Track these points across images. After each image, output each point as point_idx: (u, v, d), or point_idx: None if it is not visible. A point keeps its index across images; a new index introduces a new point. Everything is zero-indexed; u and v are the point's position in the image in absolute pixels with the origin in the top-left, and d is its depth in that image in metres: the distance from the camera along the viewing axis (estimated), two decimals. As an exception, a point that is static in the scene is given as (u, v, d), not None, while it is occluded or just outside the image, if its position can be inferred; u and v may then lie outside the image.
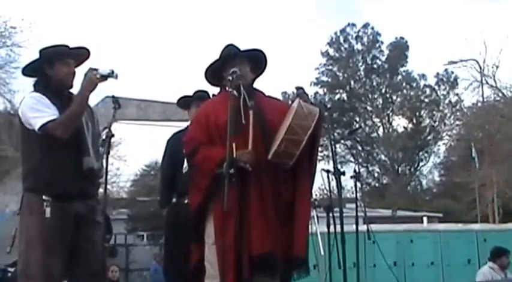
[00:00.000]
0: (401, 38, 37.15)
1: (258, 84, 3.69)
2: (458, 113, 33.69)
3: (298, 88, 3.41)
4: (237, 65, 3.40)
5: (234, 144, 3.06)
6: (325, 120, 3.73)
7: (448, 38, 52.74)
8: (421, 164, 36.62)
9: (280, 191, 3.28)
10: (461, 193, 26.43)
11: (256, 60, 3.58)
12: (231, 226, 3.06)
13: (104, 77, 3.40)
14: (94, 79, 3.37)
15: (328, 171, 5.06)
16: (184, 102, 4.70)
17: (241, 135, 3.14)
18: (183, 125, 4.87)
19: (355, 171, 5.86)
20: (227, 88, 3.33)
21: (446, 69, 34.34)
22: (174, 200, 4.41)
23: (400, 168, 36.29)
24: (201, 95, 4.47)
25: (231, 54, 3.52)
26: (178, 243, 4.04)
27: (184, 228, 3.60)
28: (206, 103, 3.72)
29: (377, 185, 37.58)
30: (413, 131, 35.84)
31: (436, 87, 36.46)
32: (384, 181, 37.47)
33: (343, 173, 4.78)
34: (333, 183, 5.00)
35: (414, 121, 36.25)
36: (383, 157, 36.95)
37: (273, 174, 3.26)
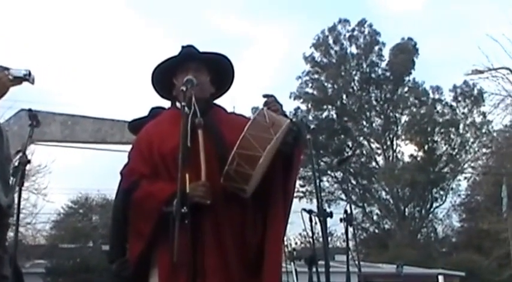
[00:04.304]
0: (409, 38, 37.76)
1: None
2: (484, 138, 33.88)
3: (266, 96, 3.39)
4: (192, 71, 3.42)
5: (187, 176, 3.05)
6: (306, 145, 3.74)
7: (471, 38, 53.30)
8: (435, 204, 36.87)
9: (245, 233, 3.28)
10: (490, 245, 26.22)
11: (219, 69, 3.59)
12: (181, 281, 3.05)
13: (18, 80, 3.34)
14: (5, 81, 3.31)
15: (310, 212, 5.08)
16: (137, 126, 4.65)
17: (192, 163, 3.14)
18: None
19: (346, 212, 5.82)
20: (177, 103, 3.35)
21: (467, 81, 34.34)
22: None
23: (407, 210, 36.47)
24: (157, 114, 4.43)
25: (184, 56, 3.54)
26: None
27: None
28: (148, 125, 3.70)
29: (377, 231, 37.71)
30: (425, 160, 36.12)
31: (454, 104, 36.95)
32: (386, 226, 37.60)
33: (331, 215, 4.80)
34: (318, 227, 5.02)
35: (426, 148, 36.54)
36: (384, 195, 37.16)
37: (235, 211, 3.26)
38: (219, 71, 3.59)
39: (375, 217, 37.90)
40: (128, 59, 55.63)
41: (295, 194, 3.60)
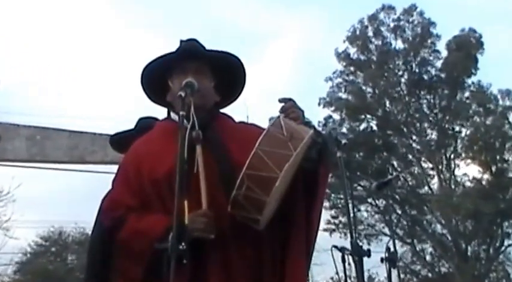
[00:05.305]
0: (471, 29, 37.55)
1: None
2: None
3: (284, 100, 3.41)
4: (192, 73, 3.45)
5: (186, 204, 3.05)
6: (336, 162, 3.75)
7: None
8: (506, 242, 36.27)
9: (262, 275, 3.31)
10: None
11: (227, 73, 3.63)
12: None
13: None
14: None
15: (343, 250, 5.08)
16: (122, 141, 4.69)
17: (191, 189, 3.15)
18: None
19: (388, 250, 5.84)
20: (172, 113, 3.38)
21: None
22: None
23: (469, 249, 36.08)
24: (146, 129, 4.45)
25: (183, 53, 3.56)
26: None
27: None
28: (137, 143, 3.74)
29: (430, 275, 37.46)
30: (492, 185, 35.67)
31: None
32: (443, 269, 37.35)
33: (368, 253, 4.80)
34: (352, 269, 5.02)
35: (493, 169, 36.23)
36: (440, 229, 36.89)
37: (248, 247, 3.29)
38: (226, 74, 3.62)
39: (427, 257, 37.65)
40: (113, 62, 56.40)
41: (325, 227, 3.63)
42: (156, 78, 3.56)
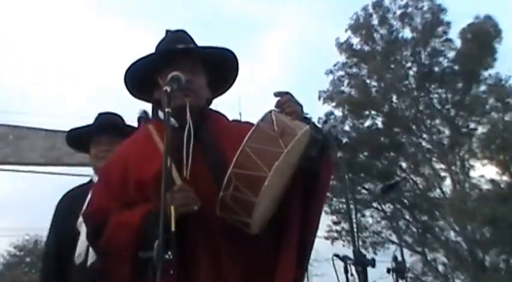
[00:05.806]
0: (487, 17, 37.39)
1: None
2: None
3: (279, 94, 3.41)
4: (184, 69, 3.43)
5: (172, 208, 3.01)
6: (338, 165, 3.76)
7: None
8: (529, 251, 36.29)
9: (254, 276, 3.34)
10: None
11: (220, 70, 3.65)
12: None
13: None
14: None
15: (345, 259, 5.08)
16: (78, 139, 4.69)
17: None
18: (89, 171, 4.90)
19: (395, 259, 5.85)
20: (159, 112, 3.38)
21: None
22: None
23: (487, 258, 35.94)
24: (107, 125, 4.44)
25: (175, 48, 3.57)
26: None
27: None
28: (123, 145, 3.76)
29: (443, 287, 37.49)
30: None
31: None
32: (457, 281, 37.33)
33: (373, 263, 4.81)
34: (356, 280, 5.02)
35: (512, 170, 36.17)
36: (453, 236, 36.83)
37: (239, 247, 3.31)
38: (219, 71, 3.64)
39: (440, 268, 37.58)
40: (112, 61, 57.47)
41: (327, 234, 3.65)
42: (144, 74, 3.56)
